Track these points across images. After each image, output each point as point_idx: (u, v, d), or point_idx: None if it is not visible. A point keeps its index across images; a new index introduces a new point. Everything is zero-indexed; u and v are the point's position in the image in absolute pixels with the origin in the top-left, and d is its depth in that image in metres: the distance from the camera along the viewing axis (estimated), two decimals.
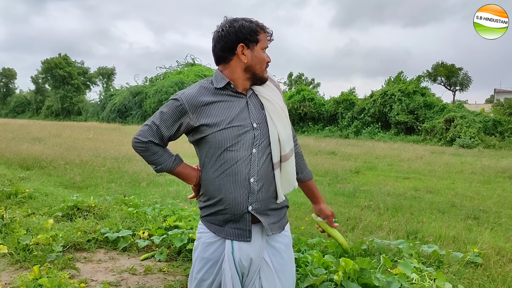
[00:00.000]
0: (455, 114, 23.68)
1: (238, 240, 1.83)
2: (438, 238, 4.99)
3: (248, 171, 1.78)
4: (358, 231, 5.20)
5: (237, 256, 1.82)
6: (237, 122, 1.79)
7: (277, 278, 1.86)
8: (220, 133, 1.78)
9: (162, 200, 6.58)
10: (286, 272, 1.90)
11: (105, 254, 4.22)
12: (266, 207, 1.84)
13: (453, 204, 7.31)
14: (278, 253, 1.89)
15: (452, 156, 16.30)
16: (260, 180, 1.79)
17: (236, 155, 1.78)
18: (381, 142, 23.17)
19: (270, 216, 1.86)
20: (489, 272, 3.85)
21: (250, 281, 1.86)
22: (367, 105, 28.40)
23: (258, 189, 1.80)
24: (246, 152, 1.78)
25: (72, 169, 9.74)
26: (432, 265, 3.93)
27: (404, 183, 9.73)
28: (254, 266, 1.85)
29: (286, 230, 1.95)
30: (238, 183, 1.78)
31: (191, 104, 1.80)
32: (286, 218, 1.97)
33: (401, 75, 29.24)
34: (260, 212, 1.83)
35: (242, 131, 1.78)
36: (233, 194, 1.79)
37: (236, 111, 1.81)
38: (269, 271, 1.85)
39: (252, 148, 1.79)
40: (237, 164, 1.78)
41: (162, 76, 45.27)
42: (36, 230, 4.44)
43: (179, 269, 3.84)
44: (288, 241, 1.95)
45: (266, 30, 1.85)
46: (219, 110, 1.80)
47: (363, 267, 3.08)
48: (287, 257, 1.92)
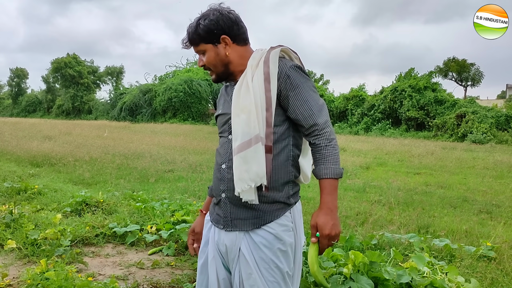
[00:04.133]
0: (467, 109, 23.42)
1: (216, 226, 1.84)
2: (450, 232, 4.92)
3: (222, 156, 1.80)
4: (368, 226, 5.13)
5: (216, 239, 1.84)
6: (223, 110, 1.87)
7: (258, 271, 1.71)
8: (217, 120, 1.92)
9: (171, 195, 6.57)
10: (271, 268, 1.71)
11: (113, 248, 4.21)
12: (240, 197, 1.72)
13: (465, 198, 7.20)
14: (258, 247, 1.72)
15: (464, 151, 16.12)
16: (231, 168, 1.73)
17: (221, 139, 1.86)
18: (391, 138, 22.98)
19: (244, 209, 1.74)
20: (502, 266, 3.77)
21: (232, 269, 1.81)
22: (377, 101, 28.23)
23: (229, 177, 1.74)
24: (225, 139, 1.81)
25: (81, 166, 9.78)
26: (444, 259, 3.87)
27: (415, 178, 9.62)
28: (231, 254, 1.78)
29: (270, 227, 1.73)
30: (216, 166, 1.83)
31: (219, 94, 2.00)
32: (271, 215, 1.74)
33: (412, 71, 28.99)
34: (233, 202, 1.76)
35: (225, 119, 1.83)
36: (214, 177, 1.86)
37: (224, 99, 1.90)
38: (246, 263, 1.72)
39: (228, 135, 1.80)
40: (219, 148, 1.85)
41: (171, 74, 45.42)
42: (44, 225, 4.45)
43: (187, 263, 3.82)
44: (272, 239, 1.72)
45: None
46: (220, 99, 1.95)
47: (373, 260, 3.02)
48: (271, 255, 1.71)
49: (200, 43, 1.80)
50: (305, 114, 1.69)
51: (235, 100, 1.73)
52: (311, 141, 1.71)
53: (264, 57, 1.72)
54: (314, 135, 1.70)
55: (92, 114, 51.69)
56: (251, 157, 1.65)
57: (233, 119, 1.72)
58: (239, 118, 1.69)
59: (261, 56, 1.74)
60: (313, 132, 1.70)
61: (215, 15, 1.77)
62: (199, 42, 1.80)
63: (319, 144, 1.69)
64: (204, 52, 1.81)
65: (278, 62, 1.71)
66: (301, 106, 1.69)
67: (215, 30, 1.75)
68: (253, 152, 1.65)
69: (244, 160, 1.66)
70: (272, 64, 1.69)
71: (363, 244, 3.99)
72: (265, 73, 1.68)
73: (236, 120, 1.70)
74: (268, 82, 1.68)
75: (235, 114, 1.72)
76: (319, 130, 1.69)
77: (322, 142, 1.69)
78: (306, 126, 1.70)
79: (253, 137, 1.65)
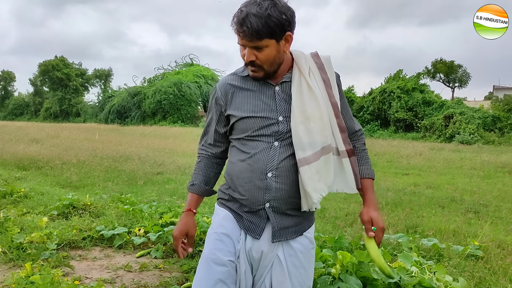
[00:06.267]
0: (454, 110, 23.66)
1: (249, 234, 1.73)
2: (438, 232, 4.94)
3: (266, 164, 1.65)
4: (357, 226, 5.14)
5: (248, 246, 1.72)
6: (261, 113, 1.67)
7: (289, 279, 1.71)
8: (243, 122, 1.69)
9: (159, 198, 6.52)
10: (301, 276, 1.73)
11: (100, 251, 4.16)
12: (287, 207, 1.69)
13: (453, 198, 7.26)
14: (295, 253, 1.73)
15: (451, 152, 16.26)
16: (279, 177, 1.64)
17: (257, 144, 1.67)
18: (380, 139, 23.11)
19: (288, 218, 1.71)
20: (489, 265, 3.80)
21: (260, 276, 1.73)
22: (366, 103, 28.39)
23: (277, 187, 1.65)
24: (267, 144, 1.66)
25: (69, 169, 9.68)
26: (432, 259, 3.88)
27: (403, 179, 9.68)
28: (265, 261, 1.72)
29: (308, 232, 1.78)
30: (255, 174, 1.66)
31: (222, 90, 1.76)
32: (310, 220, 1.79)
33: (400, 72, 29.21)
34: (278, 211, 1.69)
35: (265, 123, 1.66)
36: (250, 185, 1.67)
37: (261, 101, 1.68)
38: (282, 270, 1.70)
39: (274, 141, 1.66)
40: (257, 154, 1.67)
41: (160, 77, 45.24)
42: (30, 229, 4.38)
43: (175, 265, 3.78)
44: (307, 243, 1.77)
45: (235, 28, 1.59)
46: (244, 98, 1.71)
47: (361, 260, 3.02)
48: (304, 260, 1.74)
49: (264, 38, 1.56)
50: (350, 121, 1.82)
51: (298, 106, 1.65)
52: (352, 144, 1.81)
53: (316, 63, 1.72)
54: (355, 139, 1.84)
55: (81, 117, 51.33)
56: (324, 167, 1.67)
57: (298, 126, 1.63)
58: (307, 127, 1.65)
59: (305, 60, 1.71)
60: (353, 137, 1.83)
61: (284, 6, 1.56)
62: (264, 36, 1.55)
63: (358, 147, 1.84)
64: (262, 47, 1.59)
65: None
66: (347, 113, 1.79)
67: (285, 26, 1.57)
68: (326, 162, 1.68)
69: (317, 170, 1.65)
70: (329, 70, 1.73)
71: (352, 245, 3.99)
72: (325, 79, 1.71)
73: (302, 128, 1.64)
74: (330, 88, 1.72)
75: (299, 122, 1.64)
76: (358, 135, 1.85)
77: (361, 146, 1.85)
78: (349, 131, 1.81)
79: (326, 146, 1.68)
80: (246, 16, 1.52)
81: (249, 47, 1.59)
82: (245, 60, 1.63)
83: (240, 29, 1.55)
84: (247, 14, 1.52)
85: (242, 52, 1.63)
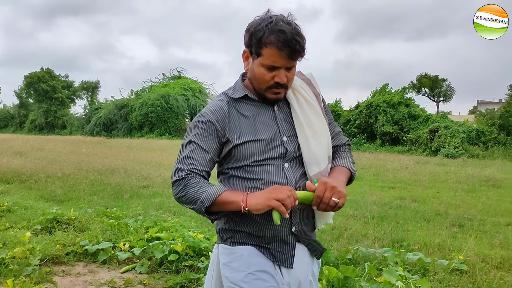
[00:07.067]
0: (439, 124, 23.95)
1: (282, 266, 1.63)
2: (423, 246, 4.97)
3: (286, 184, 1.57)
4: (344, 240, 5.14)
5: (286, 279, 1.62)
6: (264, 135, 1.59)
7: None
8: (245, 146, 1.58)
9: (145, 211, 6.46)
10: None
11: (84, 267, 4.10)
12: (308, 228, 1.69)
13: (438, 212, 7.31)
14: (316, 277, 1.76)
15: (437, 165, 16.43)
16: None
17: (267, 168, 1.58)
18: (366, 153, 23.25)
19: (307, 239, 1.70)
20: (474, 279, 3.83)
21: None
22: (353, 116, 28.58)
23: (301, 207, 1.60)
24: (277, 167, 1.59)
25: (53, 182, 9.55)
26: (418, 273, 3.89)
27: (389, 192, 9.73)
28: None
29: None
30: None
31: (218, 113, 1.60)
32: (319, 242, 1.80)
33: (386, 86, 29.54)
34: (302, 233, 1.66)
35: (271, 146, 1.59)
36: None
37: (262, 124, 1.61)
38: None
39: (283, 163, 1.60)
40: (270, 178, 1.57)
41: (147, 89, 45.10)
42: (13, 244, 4.31)
43: (160, 281, 3.74)
44: (318, 266, 1.81)
45: (280, 48, 1.49)
46: (243, 121, 1.61)
47: (347, 275, 3.02)
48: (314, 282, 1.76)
49: (298, 58, 1.56)
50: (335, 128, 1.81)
51: (305, 122, 1.63)
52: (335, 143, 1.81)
53: (302, 80, 1.72)
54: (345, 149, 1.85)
55: (67, 129, 50.80)
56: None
57: (309, 142, 1.61)
58: (318, 141, 1.63)
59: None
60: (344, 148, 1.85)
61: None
62: (299, 57, 1.56)
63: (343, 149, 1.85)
64: (292, 67, 1.58)
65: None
66: (332, 121, 1.79)
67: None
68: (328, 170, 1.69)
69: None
70: (316, 86, 1.74)
71: (338, 259, 3.99)
72: (316, 94, 1.72)
73: (314, 142, 1.62)
74: (320, 102, 1.73)
75: (310, 137, 1.62)
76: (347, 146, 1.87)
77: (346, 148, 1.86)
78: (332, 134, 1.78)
79: (328, 158, 1.69)
80: (292, 36, 1.48)
81: (285, 67, 1.54)
82: (281, 81, 1.55)
83: (286, 49, 1.49)
84: (291, 33, 1.49)
85: (269, 74, 1.55)
